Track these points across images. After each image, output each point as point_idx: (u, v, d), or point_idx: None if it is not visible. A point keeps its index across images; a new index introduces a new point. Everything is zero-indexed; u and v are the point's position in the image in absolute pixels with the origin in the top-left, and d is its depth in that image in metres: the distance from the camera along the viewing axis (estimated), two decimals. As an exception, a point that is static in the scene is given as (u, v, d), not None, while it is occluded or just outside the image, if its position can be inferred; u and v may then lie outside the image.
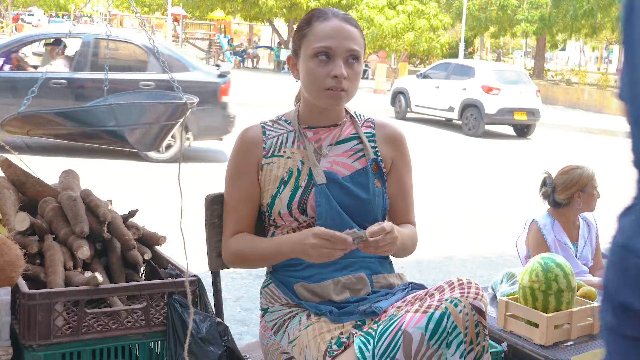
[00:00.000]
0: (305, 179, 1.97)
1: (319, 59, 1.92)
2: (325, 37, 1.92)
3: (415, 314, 1.69)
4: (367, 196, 1.98)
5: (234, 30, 48.49)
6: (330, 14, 1.97)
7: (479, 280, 5.35)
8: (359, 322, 1.86)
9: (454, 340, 1.68)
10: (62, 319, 1.91)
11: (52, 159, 7.75)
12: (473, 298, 1.71)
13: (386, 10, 25.74)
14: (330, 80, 1.91)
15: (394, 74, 25.42)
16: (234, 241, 2.03)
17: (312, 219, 1.95)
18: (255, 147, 2.03)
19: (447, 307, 1.68)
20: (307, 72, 1.94)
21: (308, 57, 1.94)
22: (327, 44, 1.91)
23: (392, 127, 2.12)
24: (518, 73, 16.01)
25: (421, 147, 12.06)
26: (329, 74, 1.91)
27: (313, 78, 1.93)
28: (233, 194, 2.04)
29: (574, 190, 3.29)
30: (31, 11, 49.58)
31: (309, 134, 2.04)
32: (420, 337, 1.66)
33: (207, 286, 2.14)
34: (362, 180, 1.99)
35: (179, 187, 2.17)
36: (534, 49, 36.28)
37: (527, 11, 26.06)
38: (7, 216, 2.26)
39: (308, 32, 1.95)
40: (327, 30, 1.93)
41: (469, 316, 1.69)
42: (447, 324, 1.67)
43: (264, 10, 30.81)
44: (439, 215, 7.10)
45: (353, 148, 2.05)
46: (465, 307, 1.69)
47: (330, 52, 1.91)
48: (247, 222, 2.04)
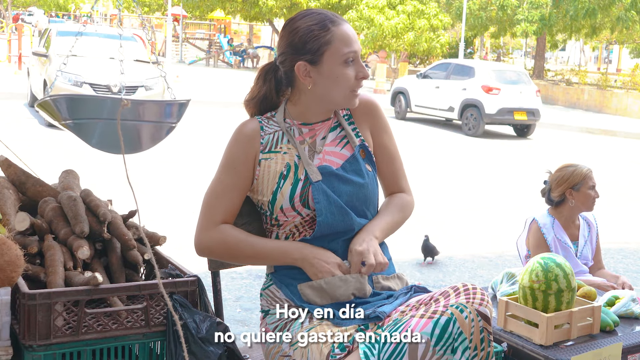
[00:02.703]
0: (303, 172, 1.98)
1: (347, 64, 1.96)
2: (351, 42, 1.96)
3: (421, 319, 1.69)
4: (363, 181, 2.01)
5: (234, 30, 48.46)
6: (337, 19, 1.98)
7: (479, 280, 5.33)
8: (362, 326, 1.86)
9: (460, 346, 1.68)
10: (62, 319, 1.91)
11: (52, 159, 7.75)
12: (479, 304, 1.72)
13: (386, 10, 25.73)
14: (356, 83, 1.98)
15: (394, 74, 25.41)
16: (227, 229, 2.00)
17: (315, 211, 1.96)
18: (254, 140, 2.03)
19: (453, 312, 1.68)
20: (336, 77, 1.96)
21: (337, 62, 1.95)
22: (353, 48, 1.96)
23: (363, 99, 2.11)
24: (518, 73, 16.00)
25: (421, 147, 12.07)
26: (357, 77, 1.97)
27: (343, 82, 1.97)
28: (226, 182, 2.02)
29: (565, 188, 3.31)
30: (31, 11, 49.62)
31: (304, 130, 2.05)
32: (426, 343, 1.66)
33: (207, 286, 2.14)
34: (355, 167, 2.02)
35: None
36: (534, 49, 36.28)
37: (527, 11, 26.03)
38: (7, 216, 2.26)
39: (331, 38, 1.95)
40: (347, 34, 1.97)
41: (474, 322, 1.69)
42: (453, 330, 1.67)
43: (264, 10, 30.81)
44: (438, 215, 7.10)
45: (338, 136, 2.07)
46: (471, 313, 1.69)
47: (355, 56, 1.97)
48: (233, 212, 2.03)
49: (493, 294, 2.83)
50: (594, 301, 2.62)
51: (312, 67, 1.96)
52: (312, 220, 1.98)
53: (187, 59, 34.18)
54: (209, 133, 11.74)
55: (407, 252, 5.39)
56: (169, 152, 8.75)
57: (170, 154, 8.78)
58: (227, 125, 11.62)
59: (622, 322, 2.59)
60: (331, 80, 1.96)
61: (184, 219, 5.76)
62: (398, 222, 2.11)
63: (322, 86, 1.97)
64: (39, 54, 12.15)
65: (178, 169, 8.18)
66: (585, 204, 3.30)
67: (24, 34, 21.19)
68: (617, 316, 2.59)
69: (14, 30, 22.03)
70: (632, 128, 18.01)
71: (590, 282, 3.15)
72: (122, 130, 2.39)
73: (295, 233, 2.01)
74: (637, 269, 5.79)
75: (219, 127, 11.84)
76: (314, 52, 1.95)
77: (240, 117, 2.12)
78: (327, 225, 1.95)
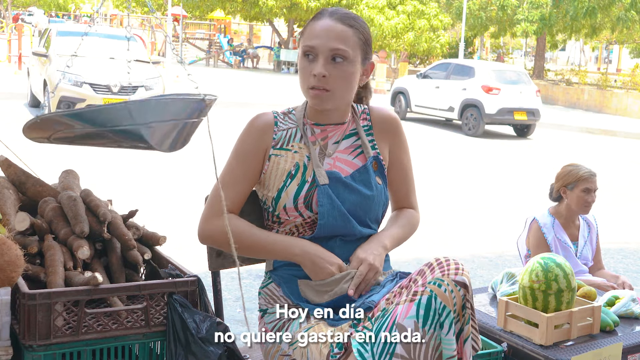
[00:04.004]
0: (311, 175, 1.98)
1: (306, 58, 1.96)
2: (312, 37, 1.95)
3: (405, 304, 1.70)
4: (370, 192, 2.01)
5: (234, 30, 48.47)
6: (326, 14, 1.98)
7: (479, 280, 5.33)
8: (355, 321, 1.86)
9: (446, 319, 1.68)
10: (62, 319, 1.91)
11: (52, 159, 7.75)
12: (454, 274, 1.71)
13: (386, 10, 25.76)
14: (312, 79, 1.95)
15: (394, 74, 25.42)
16: (231, 218, 1.99)
17: (317, 215, 1.96)
18: (266, 134, 2.03)
19: (432, 289, 1.68)
20: (300, 69, 1.99)
21: (300, 55, 1.98)
22: (311, 43, 1.94)
23: (386, 115, 2.14)
24: (518, 73, 16.01)
25: (421, 147, 12.06)
26: (311, 73, 1.94)
27: (301, 76, 1.99)
28: (235, 172, 2.02)
29: (560, 185, 3.33)
30: (31, 11, 49.63)
31: (316, 130, 2.05)
32: (414, 326, 1.67)
33: (207, 286, 2.14)
34: (364, 178, 2.02)
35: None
36: (534, 49, 36.27)
37: (527, 11, 26.04)
38: (7, 216, 2.26)
39: (304, 31, 1.99)
40: (315, 29, 1.96)
41: (454, 292, 1.69)
42: (436, 306, 1.67)
43: (264, 10, 30.82)
44: (439, 215, 7.10)
45: (353, 145, 2.06)
46: (449, 285, 1.69)
47: (313, 51, 1.95)
48: (239, 203, 2.04)
49: (493, 294, 2.83)
50: (594, 301, 2.62)
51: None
52: (313, 222, 1.98)
53: (187, 59, 34.19)
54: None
55: (407, 252, 5.38)
56: (168, 152, 8.74)
57: (170, 154, 8.78)
58: (227, 125, 11.62)
59: (622, 322, 2.59)
60: (299, 71, 2.00)
61: (184, 219, 5.76)
62: (406, 236, 2.13)
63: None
64: (39, 54, 12.15)
65: (178, 169, 8.18)
66: (578, 205, 3.29)
67: (24, 34, 21.20)
68: (617, 316, 2.59)
69: (14, 30, 22.04)
70: (632, 128, 18.01)
71: (590, 282, 3.15)
72: (157, 130, 2.37)
73: (294, 232, 2.02)
74: (637, 269, 5.79)
75: (219, 127, 11.83)
76: (299, 43, 2.01)
77: (240, 117, 2.12)
78: (328, 229, 1.96)
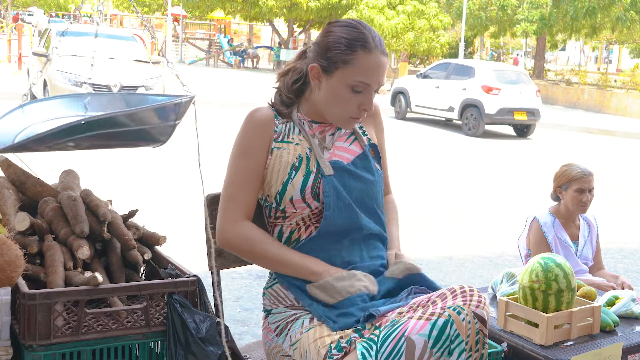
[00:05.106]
0: (315, 165, 1.99)
1: (354, 91, 1.94)
2: (368, 74, 1.93)
3: (419, 320, 1.69)
4: (373, 178, 2.04)
5: (234, 30, 48.49)
6: (373, 45, 1.93)
7: (479, 280, 5.32)
8: (359, 327, 1.85)
9: (456, 348, 1.68)
10: (62, 319, 1.91)
11: (52, 159, 7.75)
12: (475, 306, 1.71)
13: (386, 11, 25.74)
14: (357, 111, 1.97)
15: (394, 74, 25.41)
16: (252, 228, 1.99)
17: (324, 205, 1.97)
18: (268, 127, 2.02)
19: (451, 314, 1.68)
20: (337, 97, 1.95)
21: (344, 84, 1.94)
22: (367, 81, 1.93)
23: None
24: (518, 73, 16.01)
25: (421, 147, 12.07)
26: (359, 106, 1.96)
27: (342, 105, 1.96)
28: (243, 169, 2.00)
29: (556, 185, 3.34)
30: (31, 11, 49.63)
31: (314, 125, 2.06)
32: (424, 345, 1.66)
33: (207, 286, 2.14)
34: (366, 164, 2.05)
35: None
36: (534, 49, 36.27)
37: (527, 11, 26.04)
38: (7, 216, 2.26)
39: (351, 60, 1.92)
40: (371, 65, 1.93)
41: (471, 324, 1.69)
42: (450, 332, 1.67)
43: (264, 10, 30.80)
44: (439, 215, 7.09)
45: (346, 133, 2.09)
46: (468, 315, 1.69)
47: (365, 87, 1.94)
48: (253, 206, 2.02)
49: (493, 294, 2.83)
50: (594, 301, 2.62)
51: (324, 74, 1.96)
52: (320, 213, 1.98)
53: (187, 59, 34.18)
54: (208, 133, 11.74)
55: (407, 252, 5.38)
56: (168, 152, 8.74)
57: (170, 154, 8.77)
58: (227, 125, 11.63)
59: (622, 322, 2.59)
60: (332, 96, 1.96)
61: (184, 219, 5.77)
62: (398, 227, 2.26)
63: (324, 96, 1.98)
64: (39, 54, 12.15)
65: (178, 169, 8.17)
66: (573, 205, 3.29)
67: (24, 34, 21.20)
68: (617, 316, 2.59)
69: (14, 30, 22.04)
70: (632, 128, 18.01)
71: (590, 282, 3.15)
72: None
73: (301, 226, 2.00)
74: (637, 269, 5.79)
75: (219, 127, 11.83)
76: (331, 62, 1.94)
77: (240, 117, 2.11)
78: (333, 219, 1.95)
